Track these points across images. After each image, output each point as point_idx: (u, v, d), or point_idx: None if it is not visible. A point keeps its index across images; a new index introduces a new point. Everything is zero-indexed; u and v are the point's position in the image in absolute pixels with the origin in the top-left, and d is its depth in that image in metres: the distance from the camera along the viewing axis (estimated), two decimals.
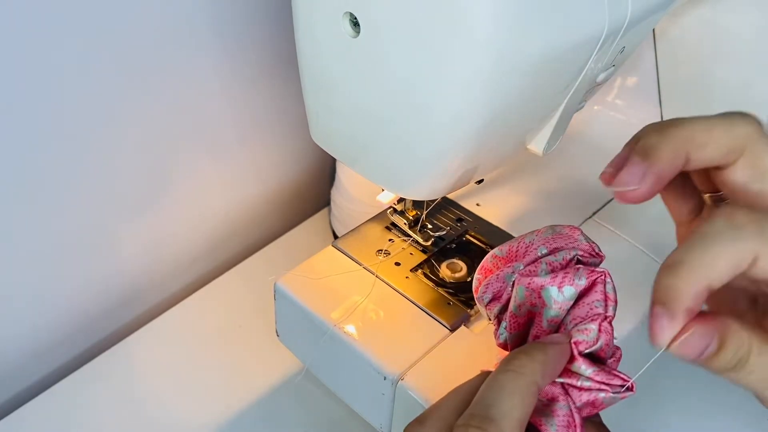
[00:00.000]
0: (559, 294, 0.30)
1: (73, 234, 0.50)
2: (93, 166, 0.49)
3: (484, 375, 0.29)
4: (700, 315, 0.26)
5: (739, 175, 0.28)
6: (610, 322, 0.30)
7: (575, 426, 0.28)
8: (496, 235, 0.50)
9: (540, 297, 0.31)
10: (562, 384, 0.29)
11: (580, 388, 0.29)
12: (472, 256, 0.48)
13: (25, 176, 0.45)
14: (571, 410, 0.28)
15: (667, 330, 0.25)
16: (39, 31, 0.41)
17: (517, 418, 0.26)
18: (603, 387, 0.28)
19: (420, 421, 0.28)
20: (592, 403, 0.29)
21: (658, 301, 0.25)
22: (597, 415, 0.30)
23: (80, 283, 0.53)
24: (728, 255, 0.24)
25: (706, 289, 0.25)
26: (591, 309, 0.30)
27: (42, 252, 0.49)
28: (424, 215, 0.49)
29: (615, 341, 0.30)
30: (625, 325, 0.37)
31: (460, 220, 0.51)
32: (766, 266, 0.25)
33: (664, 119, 0.58)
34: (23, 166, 0.45)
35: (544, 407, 0.29)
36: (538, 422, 0.28)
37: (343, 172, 0.62)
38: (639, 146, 0.27)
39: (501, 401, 0.26)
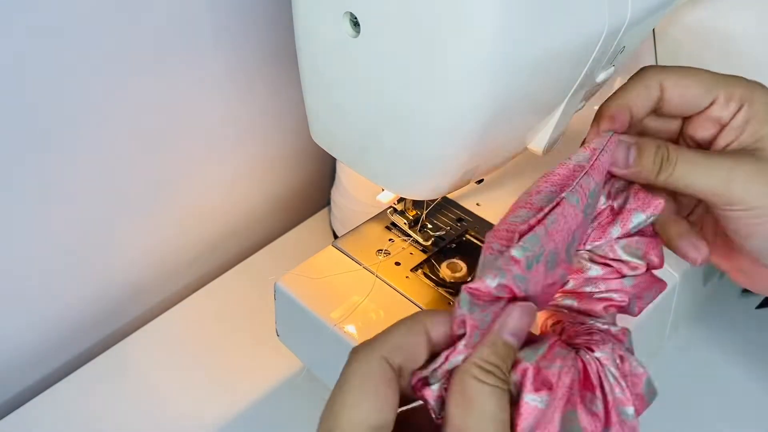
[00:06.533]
0: None
1: (73, 234, 0.50)
2: (93, 166, 0.49)
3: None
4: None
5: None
6: None
7: None
8: None
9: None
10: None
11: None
12: (472, 256, 0.48)
13: (25, 177, 0.45)
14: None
15: (590, 132, 0.36)
16: (38, 31, 0.41)
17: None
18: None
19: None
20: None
21: (595, 121, 0.36)
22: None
23: (80, 283, 0.53)
24: (638, 84, 0.35)
25: (624, 107, 0.35)
26: None
27: (42, 252, 0.49)
28: (424, 215, 0.49)
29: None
30: (629, 318, 0.38)
31: (460, 220, 0.51)
32: (673, 90, 0.35)
33: None
34: (23, 166, 0.45)
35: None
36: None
37: (343, 172, 0.62)
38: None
39: None
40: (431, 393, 0.28)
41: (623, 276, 0.33)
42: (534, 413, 0.26)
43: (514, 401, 0.27)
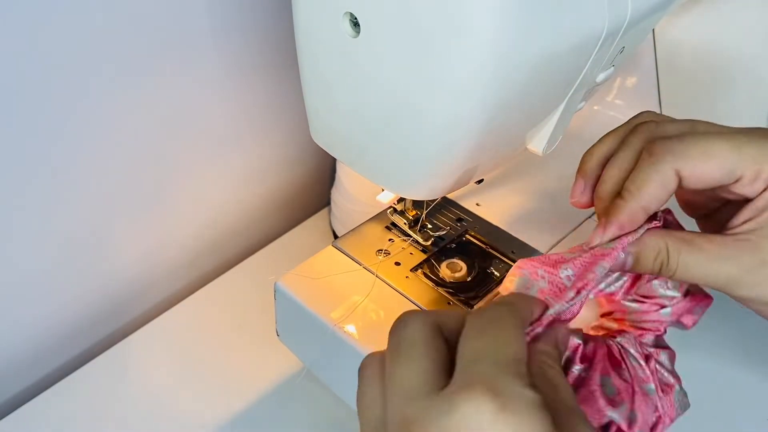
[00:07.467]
0: None
1: (73, 234, 0.50)
2: (93, 165, 0.49)
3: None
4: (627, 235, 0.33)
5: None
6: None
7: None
8: (496, 235, 0.50)
9: None
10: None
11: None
12: (472, 256, 0.48)
13: (25, 177, 0.45)
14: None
15: (597, 236, 0.33)
16: (37, 31, 0.41)
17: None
18: None
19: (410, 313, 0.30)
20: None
21: (604, 214, 0.33)
22: None
23: (80, 283, 0.53)
24: (654, 182, 0.31)
25: (641, 211, 0.32)
26: None
27: (42, 252, 0.49)
28: (424, 215, 0.49)
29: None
30: None
31: (460, 220, 0.51)
32: (692, 177, 0.31)
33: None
34: (23, 167, 0.45)
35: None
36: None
37: (343, 172, 0.62)
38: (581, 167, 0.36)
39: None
40: None
41: (662, 307, 0.35)
42: (576, 379, 0.32)
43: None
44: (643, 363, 0.33)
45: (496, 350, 0.26)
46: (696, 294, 0.35)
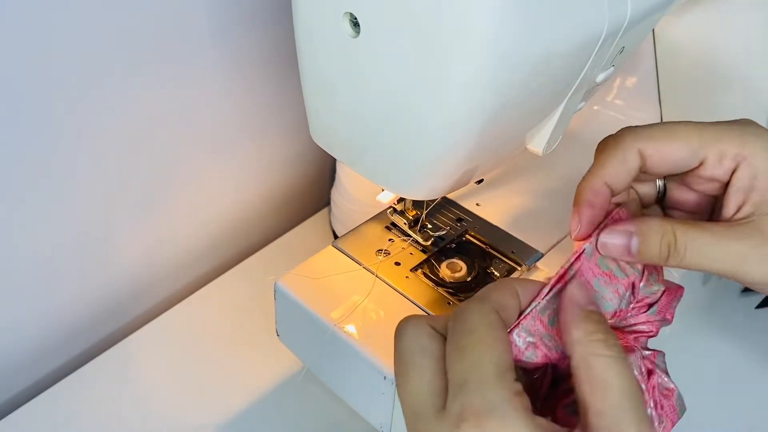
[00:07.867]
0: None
1: (74, 234, 0.50)
2: (93, 165, 0.49)
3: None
4: (619, 220, 0.32)
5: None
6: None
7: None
8: (496, 235, 0.50)
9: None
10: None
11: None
12: (472, 256, 0.48)
13: (26, 177, 0.45)
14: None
15: (573, 222, 0.33)
16: (37, 30, 0.41)
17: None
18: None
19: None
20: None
21: (575, 206, 0.33)
22: None
23: (81, 283, 0.53)
24: (614, 158, 0.32)
25: (602, 185, 0.33)
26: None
27: (42, 252, 0.49)
28: (424, 215, 0.49)
29: None
30: None
31: (460, 220, 0.51)
32: (655, 156, 0.32)
33: (665, 119, 0.58)
34: (24, 166, 0.45)
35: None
36: None
37: (343, 172, 0.62)
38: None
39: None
40: None
41: (649, 306, 0.34)
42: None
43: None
44: (644, 386, 0.32)
45: (479, 374, 0.26)
46: (670, 288, 0.35)
